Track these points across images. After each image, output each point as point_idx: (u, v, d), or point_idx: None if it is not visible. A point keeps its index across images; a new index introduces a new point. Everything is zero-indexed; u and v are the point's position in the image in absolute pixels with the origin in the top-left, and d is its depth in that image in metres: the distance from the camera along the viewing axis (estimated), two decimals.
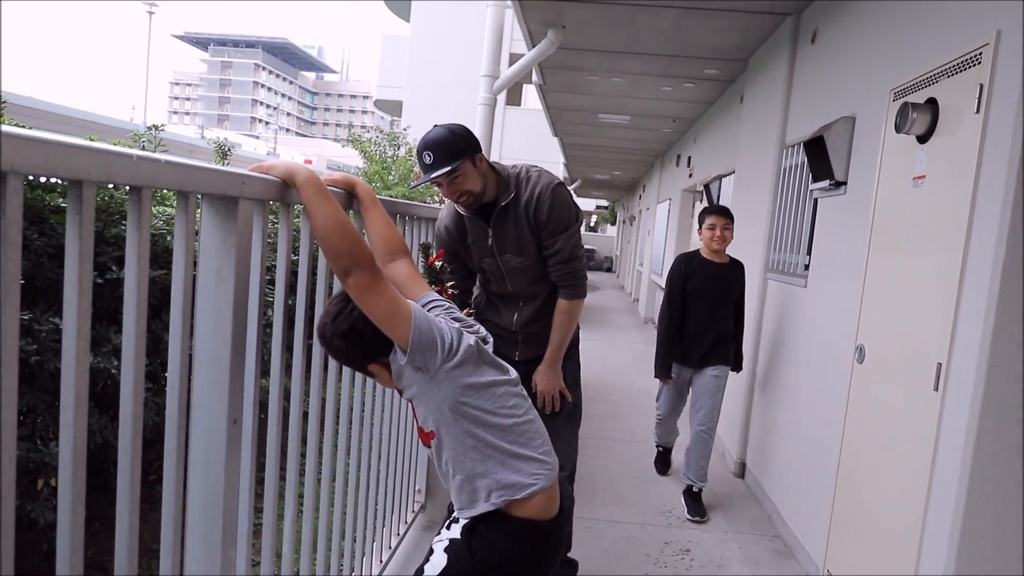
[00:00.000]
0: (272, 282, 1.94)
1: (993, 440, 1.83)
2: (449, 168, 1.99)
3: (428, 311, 1.35)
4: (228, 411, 1.11)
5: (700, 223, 3.56)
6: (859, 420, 2.54)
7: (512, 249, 2.20)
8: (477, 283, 2.45)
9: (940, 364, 1.97)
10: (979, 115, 1.90)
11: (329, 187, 1.33)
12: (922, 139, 2.20)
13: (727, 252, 3.57)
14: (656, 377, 3.65)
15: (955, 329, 1.93)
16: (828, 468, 2.76)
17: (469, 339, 1.32)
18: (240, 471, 1.18)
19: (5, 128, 0.64)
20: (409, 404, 1.44)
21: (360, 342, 1.30)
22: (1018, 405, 1.81)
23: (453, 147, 2.00)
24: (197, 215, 1.05)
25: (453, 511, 1.47)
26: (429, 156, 2.00)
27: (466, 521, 1.38)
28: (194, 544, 1.11)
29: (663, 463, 4.07)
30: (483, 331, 1.43)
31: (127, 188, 0.86)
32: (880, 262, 2.48)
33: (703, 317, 3.50)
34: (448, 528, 1.44)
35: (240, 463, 1.16)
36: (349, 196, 1.57)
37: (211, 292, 1.11)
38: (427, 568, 1.39)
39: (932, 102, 2.16)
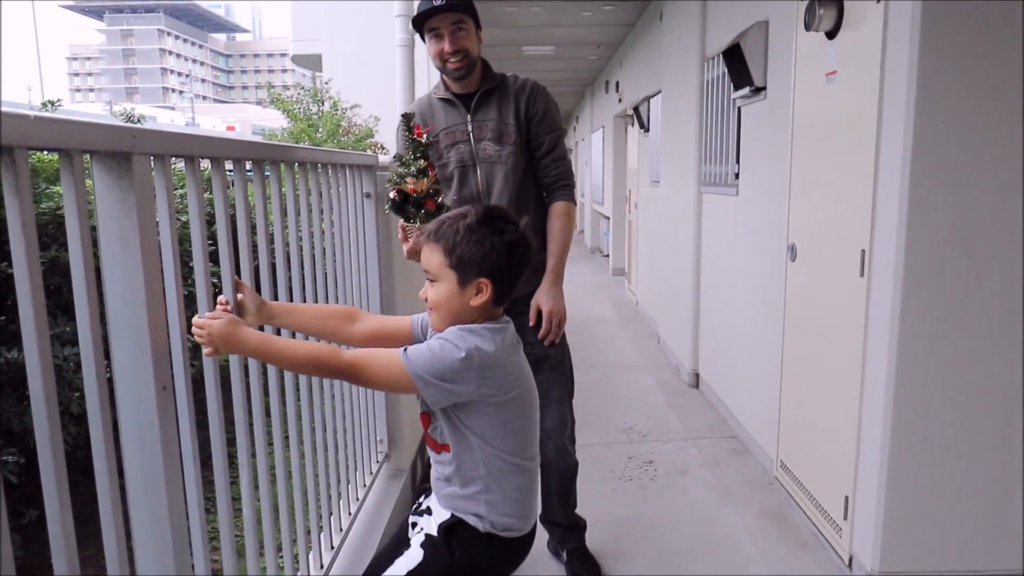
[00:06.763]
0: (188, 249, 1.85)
1: (916, 318, 1.93)
2: (463, 9, 1.97)
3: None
4: (155, 378, 1.07)
5: None
6: (796, 316, 2.64)
7: (491, 135, 2.10)
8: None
9: (864, 251, 2.05)
10: (880, 4, 1.92)
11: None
12: (831, 35, 2.23)
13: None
14: None
15: (875, 215, 2.00)
16: (773, 366, 2.87)
17: (485, 348, 1.22)
18: (180, 439, 1.15)
19: None
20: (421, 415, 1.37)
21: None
22: (937, 279, 1.91)
23: (469, 3, 2.00)
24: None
25: (423, 489, 1.45)
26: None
27: (443, 520, 1.35)
28: (139, 517, 1.09)
29: None
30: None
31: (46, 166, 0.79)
32: (802, 160, 2.54)
33: None
34: (421, 515, 1.41)
35: (175, 429, 1.13)
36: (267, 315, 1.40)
37: (117, 256, 1.04)
38: (401, 560, 1.36)
39: None
